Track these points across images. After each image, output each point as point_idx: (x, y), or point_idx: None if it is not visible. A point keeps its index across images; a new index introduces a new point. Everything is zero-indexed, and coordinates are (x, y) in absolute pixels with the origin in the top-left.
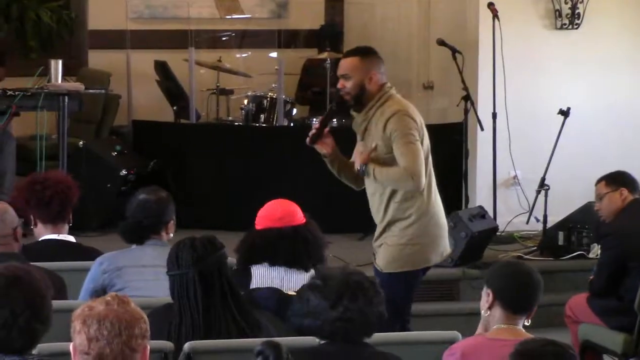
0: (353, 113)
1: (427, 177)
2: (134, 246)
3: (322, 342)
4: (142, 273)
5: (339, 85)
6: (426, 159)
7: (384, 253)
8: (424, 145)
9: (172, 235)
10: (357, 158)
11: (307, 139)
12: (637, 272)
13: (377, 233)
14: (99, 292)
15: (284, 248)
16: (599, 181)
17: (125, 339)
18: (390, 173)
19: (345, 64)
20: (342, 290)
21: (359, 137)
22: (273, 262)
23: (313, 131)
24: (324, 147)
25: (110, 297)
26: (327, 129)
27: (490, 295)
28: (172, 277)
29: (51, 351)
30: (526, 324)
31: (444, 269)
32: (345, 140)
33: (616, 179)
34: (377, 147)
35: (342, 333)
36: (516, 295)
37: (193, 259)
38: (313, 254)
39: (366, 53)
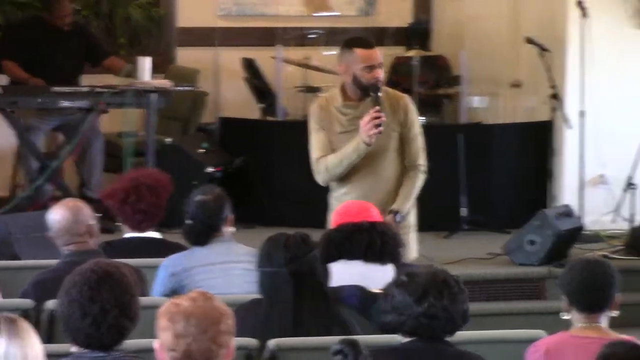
0: (347, 103)
1: None
2: (196, 247)
3: (405, 340)
4: (210, 271)
5: (378, 75)
6: None
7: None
8: None
9: (234, 229)
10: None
11: (379, 129)
12: None
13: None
14: (169, 295)
15: (361, 240)
16: None
17: (212, 335)
18: (413, 193)
19: (378, 54)
20: (428, 287)
21: (351, 124)
22: (350, 257)
23: (381, 119)
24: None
25: (195, 293)
26: None
27: (565, 300)
28: (262, 273)
29: (136, 347)
30: (614, 314)
31: (530, 268)
32: None
33: None
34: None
35: (425, 329)
36: (588, 298)
37: (286, 259)
38: (390, 249)
39: None
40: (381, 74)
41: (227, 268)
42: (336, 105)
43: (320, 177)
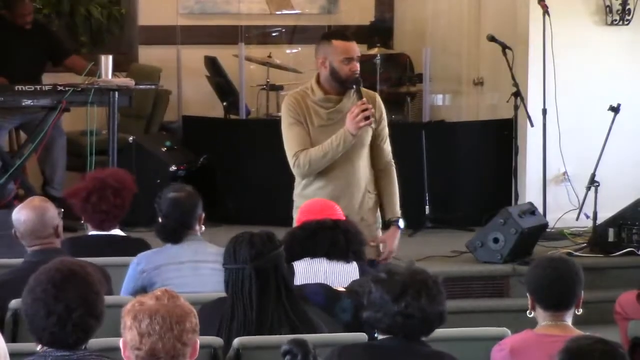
0: (327, 97)
1: None
2: (169, 244)
3: (380, 337)
4: (180, 270)
5: (356, 68)
6: None
7: None
8: None
9: (203, 228)
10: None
11: (369, 120)
12: None
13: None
14: (139, 292)
15: (324, 238)
16: None
17: (177, 333)
18: (397, 192)
19: (356, 47)
20: (406, 286)
21: (330, 117)
22: (314, 254)
23: (371, 110)
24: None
25: (160, 292)
26: None
27: (530, 298)
28: (227, 270)
29: (100, 346)
30: (577, 312)
31: (494, 265)
32: None
33: None
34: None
35: (400, 328)
36: (552, 296)
37: (251, 255)
38: (353, 246)
39: None
40: (358, 67)
41: (197, 267)
42: (314, 98)
43: (300, 171)
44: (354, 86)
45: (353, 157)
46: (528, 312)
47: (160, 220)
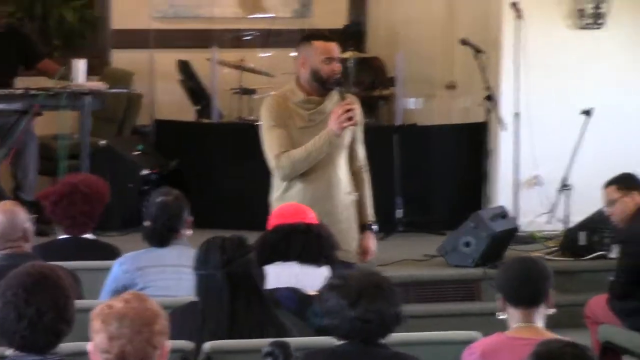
0: (309, 98)
1: None
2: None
3: (340, 342)
4: (163, 272)
5: (337, 68)
6: None
7: None
8: None
9: (191, 231)
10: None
11: (354, 120)
12: None
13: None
14: (121, 292)
15: (296, 241)
16: (607, 185)
17: (146, 336)
18: (370, 193)
19: (337, 48)
20: (362, 290)
21: (312, 119)
22: (286, 258)
23: (354, 111)
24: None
25: (128, 294)
26: None
27: (500, 298)
28: (198, 276)
29: (71, 350)
30: (549, 312)
31: (466, 269)
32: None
33: (627, 183)
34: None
35: (358, 332)
36: (522, 291)
37: (222, 261)
38: (325, 251)
39: None
40: (340, 67)
41: (180, 271)
42: (296, 100)
43: (282, 173)
44: (337, 87)
45: (334, 158)
46: (499, 314)
47: (147, 223)
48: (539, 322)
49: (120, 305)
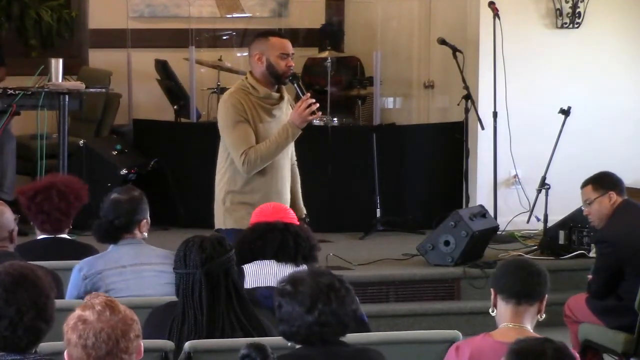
0: (271, 93)
1: None
2: (110, 248)
3: (298, 347)
4: (122, 274)
5: (292, 64)
6: None
7: None
8: None
9: (145, 234)
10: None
11: (318, 114)
12: (635, 275)
13: None
14: (83, 297)
15: (274, 239)
16: (584, 185)
17: (123, 346)
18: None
19: (291, 46)
20: (316, 294)
21: (274, 113)
22: (263, 256)
23: (316, 104)
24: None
25: (99, 305)
26: None
27: (492, 292)
28: (178, 275)
29: (52, 350)
30: (539, 318)
31: (445, 268)
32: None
33: (603, 183)
34: None
35: (317, 336)
36: (512, 282)
37: (201, 260)
38: (303, 250)
39: None
40: (293, 64)
41: (139, 270)
42: (260, 95)
43: (248, 168)
44: (295, 81)
45: (288, 150)
46: (490, 310)
47: (98, 219)
48: (528, 324)
49: (93, 318)
